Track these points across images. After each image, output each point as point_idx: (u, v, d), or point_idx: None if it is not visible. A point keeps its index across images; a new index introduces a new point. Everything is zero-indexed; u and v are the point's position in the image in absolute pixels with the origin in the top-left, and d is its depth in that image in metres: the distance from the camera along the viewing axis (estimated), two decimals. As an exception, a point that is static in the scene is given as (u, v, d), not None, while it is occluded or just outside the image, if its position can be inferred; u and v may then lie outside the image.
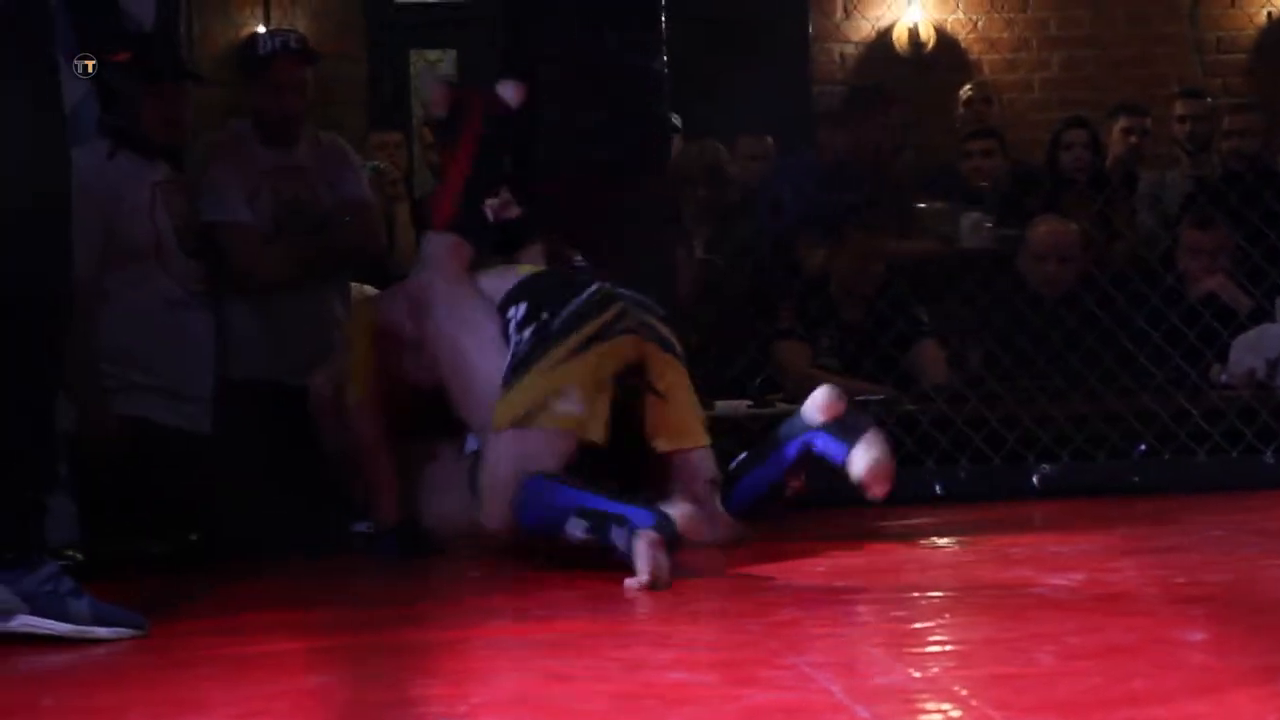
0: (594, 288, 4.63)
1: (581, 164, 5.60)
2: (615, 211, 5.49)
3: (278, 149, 5.47)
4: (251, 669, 3.17)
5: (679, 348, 4.65)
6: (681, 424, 4.59)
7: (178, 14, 5.83)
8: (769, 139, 8.09)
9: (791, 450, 4.53)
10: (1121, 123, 7.98)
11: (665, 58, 5.78)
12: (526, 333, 4.59)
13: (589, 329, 4.54)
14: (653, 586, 3.97)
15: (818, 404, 4.47)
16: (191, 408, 5.29)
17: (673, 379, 4.59)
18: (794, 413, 4.58)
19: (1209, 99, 8.49)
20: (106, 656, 3.42)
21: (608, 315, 4.57)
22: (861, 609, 3.69)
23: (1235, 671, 2.83)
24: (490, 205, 4.90)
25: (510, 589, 4.22)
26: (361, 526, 4.99)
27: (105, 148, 5.24)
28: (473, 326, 4.71)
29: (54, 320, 3.58)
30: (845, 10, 9.69)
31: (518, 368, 4.56)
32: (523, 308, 4.64)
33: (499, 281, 4.77)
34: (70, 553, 4.68)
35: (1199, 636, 3.22)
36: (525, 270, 4.82)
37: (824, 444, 4.47)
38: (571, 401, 4.45)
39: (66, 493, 5.16)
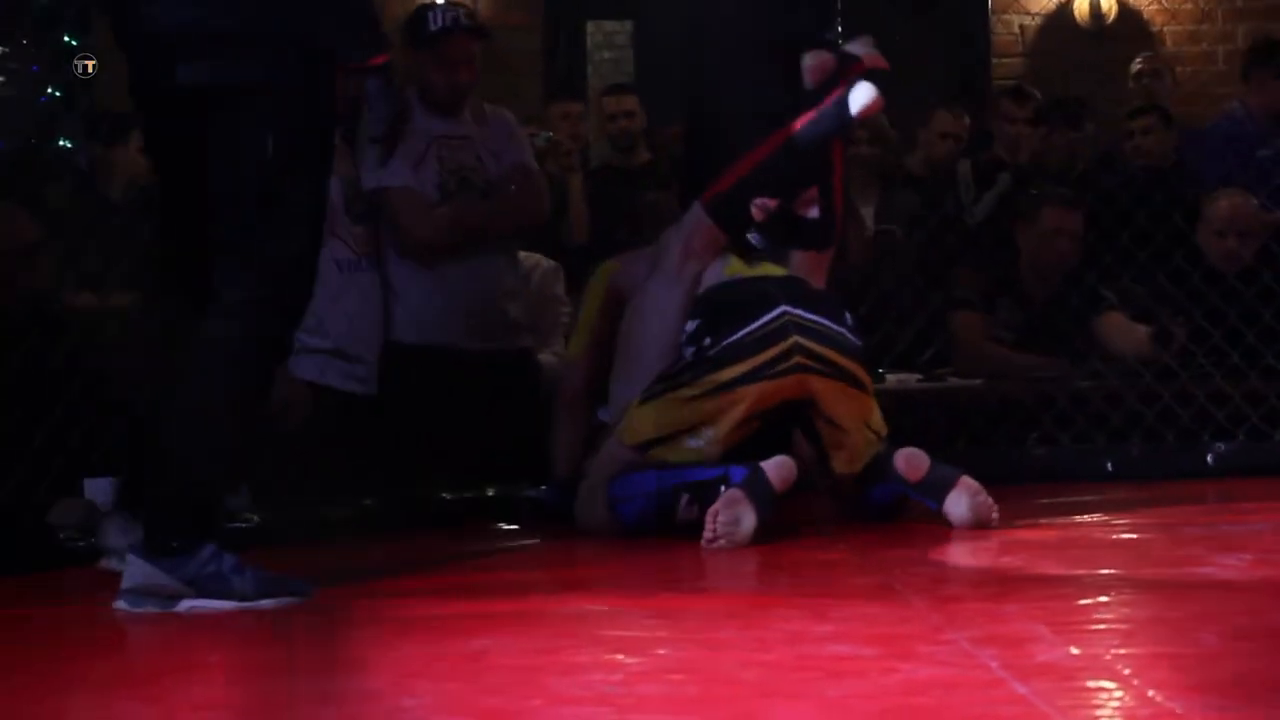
0: (772, 315, 4.59)
1: (757, 139, 5.58)
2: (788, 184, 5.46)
3: (443, 118, 5.51)
4: (414, 631, 3.20)
5: (859, 374, 4.63)
6: (856, 449, 4.60)
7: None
8: (966, 117, 7.98)
9: (892, 491, 4.62)
10: None
11: (840, 29, 5.75)
12: (689, 351, 4.61)
13: (749, 364, 4.54)
14: (712, 544, 4.16)
15: (902, 469, 4.55)
16: (362, 370, 5.35)
17: (847, 408, 4.59)
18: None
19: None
20: (274, 615, 3.47)
21: (774, 351, 4.55)
22: (1027, 586, 3.66)
23: (1405, 656, 2.78)
24: (759, 204, 4.85)
25: (667, 560, 4.23)
26: (531, 492, 5.02)
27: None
28: (663, 312, 4.72)
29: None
30: (1026, -19, 9.59)
31: (668, 379, 4.59)
32: (696, 323, 4.65)
33: (713, 277, 4.79)
34: (247, 515, 4.74)
35: (1369, 620, 3.16)
36: (736, 272, 4.80)
37: (917, 498, 4.59)
38: (703, 440, 4.51)
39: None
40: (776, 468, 4.29)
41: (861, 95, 4.78)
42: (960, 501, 4.47)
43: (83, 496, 4.81)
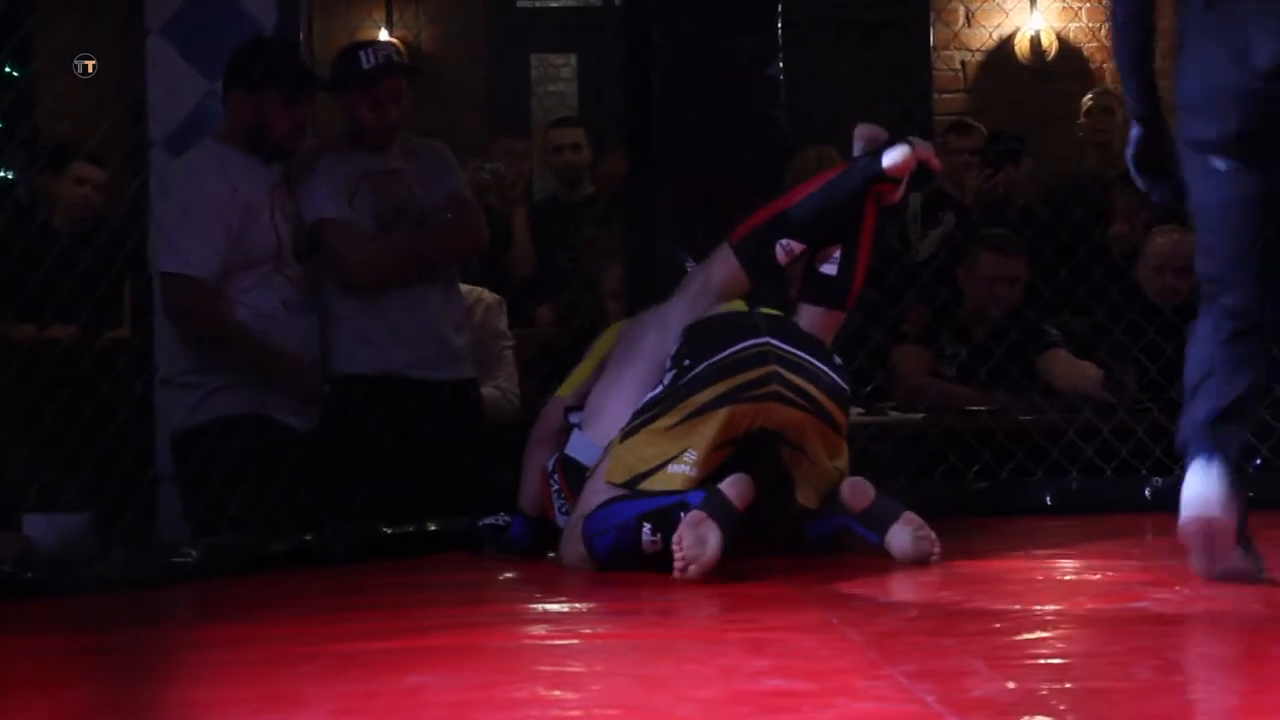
0: (753, 342, 4.60)
1: (701, 172, 5.61)
2: (732, 219, 5.49)
3: (371, 154, 5.51)
4: (351, 667, 3.20)
5: (836, 414, 4.62)
6: (819, 484, 4.60)
7: (298, 16, 5.87)
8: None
9: (833, 524, 4.61)
10: None
11: (782, 64, 5.78)
12: (669, 375, 4.61)
13: (725, 386, 4.52)
14: (684, 571, 4.15)
15: (846, 498, 4.55)
16: (307, 406, 5.35)
17: (818, 443, 4.59)
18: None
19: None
20: (212, 652, 3.47)
21: (750, 375, 4.54)
22: (963, 620, 3.68)
23: (1337, 690, 2.80)
24: (783, 245, 4.84)
25: (613, 592, 4.24)
26: (490, 519, 5.01)
27: (225, 151, 5.29)
28: (665, 327, 4.73)
29: None
30: (967, 18, 9.64)
31: (645, 410, 4.58)
32: (678, 345, 4.65)
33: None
34: (187, 550, 4.73)
35: (1304, 654, 3.19)
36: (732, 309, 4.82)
37: (859, 530, 4.57)
38: (687, 465, 4.49)
39: (177, 490, 5.26)
40: (734, 485, 4.29)
41: (896, 152, 4.79)
42: (903, 535, 4.48)
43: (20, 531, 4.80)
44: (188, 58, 5.64)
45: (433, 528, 5.09)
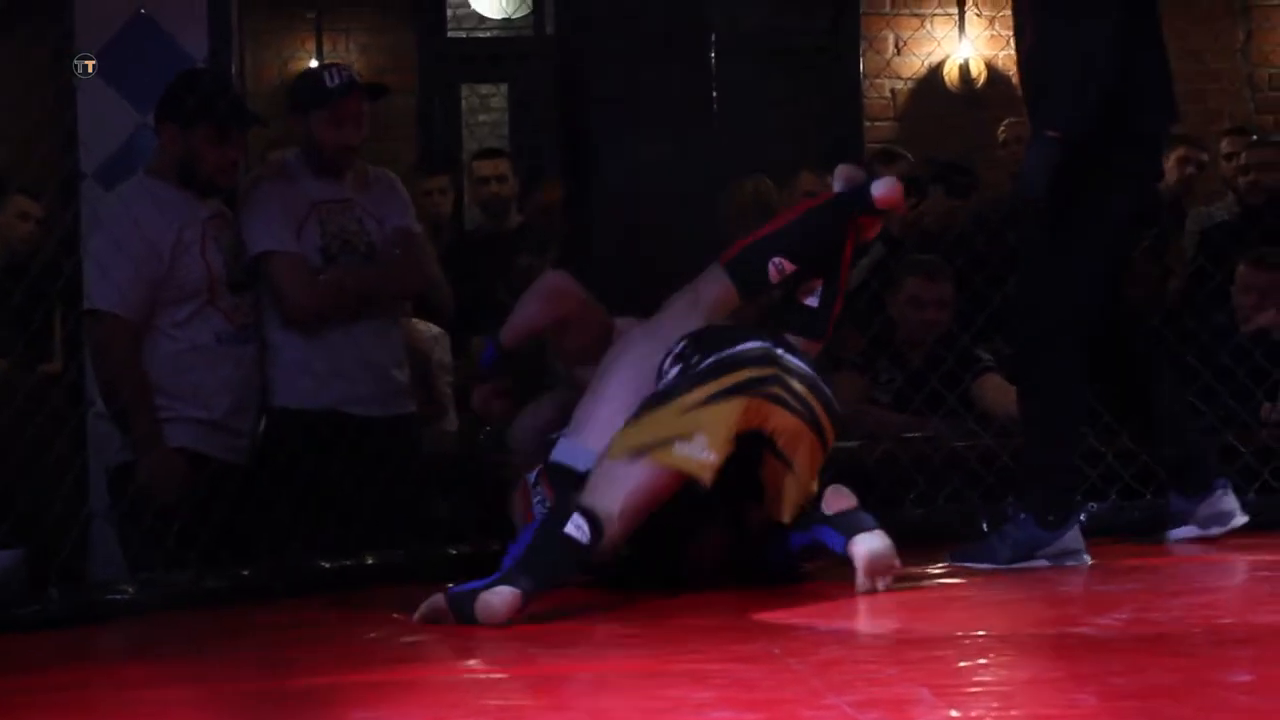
0: (758, 344, 4.58)
1: (635, 202, 5.62)
2: (667, 250, 5.50)
3: (325, 181, 5.49)
4: (295, 704, 3.19)
5: (828, 431, 4.60)
6: (796, 501, 4.56)
7: (230, 48, 5.85)
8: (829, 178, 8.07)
9: (801, 541, 4.60)
10: (1179, 152, 7.97)
11: (716, 93, 5.80)
12: (673, 371, 4.57)
13: (734, 378, 4.48)
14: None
15: (825, 500, 4.55)
16: (243, 441, 5.32)
17: (809, 459, 4.57)
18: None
19: (1253, 136, 8.51)
20: (151, 690, 3.44)
21: (758, 372, 4.53)
22: (906, 648, 3.69)
23: (1279, 715, 2.82)
24: (775, 263, 4.83)
25: (554, 625, 4.22)
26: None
27: (156, 185, 5.27)
28: (657, 338, 4.72)
29: None
30: (897, 47, 9.69)
31: (650, 402, 4.52)
32: (680, 346, 4.62)
33: None
34: (124, 588, 4.70)
35: (1243, 678, 3.20)
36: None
37: (827, 536, 4.54)
38: (697, 448, 4.39)
39: (112, 526, 5.23)
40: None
41: (885, 184, 4.86)
42: (869, 541, 4.45)
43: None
44: (120, 90, 5.62)
45: (370, 562, 5.08)
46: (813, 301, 4.87)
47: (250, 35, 8.37)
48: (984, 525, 5.58)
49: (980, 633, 3.89)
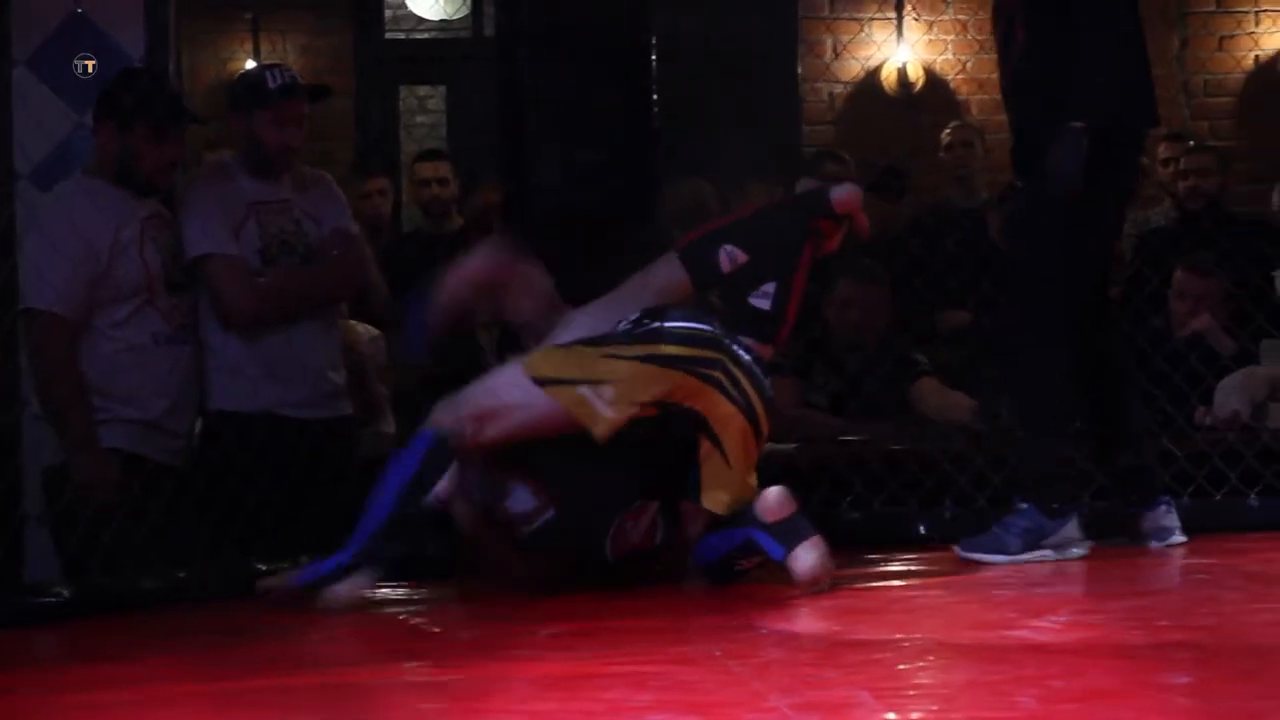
0: (710, 329, 4.62)
1: (573, 206, 5.61)
2: (605, 254, 5.48)
3: (264, 181, 5.47)
4: (234, 706, 3.17)
5: (764, 428, 4.63)
6: (734, 492, 4.58)
7: (167, 48, 5.82)
8: (781, 189, 8.07)
9: (738, 538, 4.59)
10: None
11: (655, 96, 5.79)
12: (624, 324, 4.63)
13: (673, 350, 4.54)
14: None
15: (766, 505, 4.54)
16: (179, 443, 5.30)
17: (741, 449, 4.58)
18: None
19: (1191, 142, 8.57)
20: (90, 694, 3.42)
21: (699, 352, 4.56)
22: (845, 651, 3.69)
23: (1219, 717, 2.83)
24: (727, 251, 4.83)
25: (492, 628, 4.22)
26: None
27: (94, 184, 5.24)
28: (585, 327, 4.73)
29: None
30: (835, 50, 9.71)
31: (597, 338, 4.60)
32: (637, 314, 4.67)
33: None
34: (58, 590, 4.66)
35: (1183, 681, 3.22)
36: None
37: (765, 542, 4.54)
38: (600, 399, 4.46)
39: (47, 528, 5.19)
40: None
41: (844, 189, 4.89)
42: (809, 556, 4.47)
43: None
44: (55, 90, 5.58)
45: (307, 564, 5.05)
46: (763, 303, 4.84)
47: (187, 35, 8.35)
48: (921, 529, 5.61)
49: (918, 636, 3.89)
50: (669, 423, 4.54)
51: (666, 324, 4.60)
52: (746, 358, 4.61)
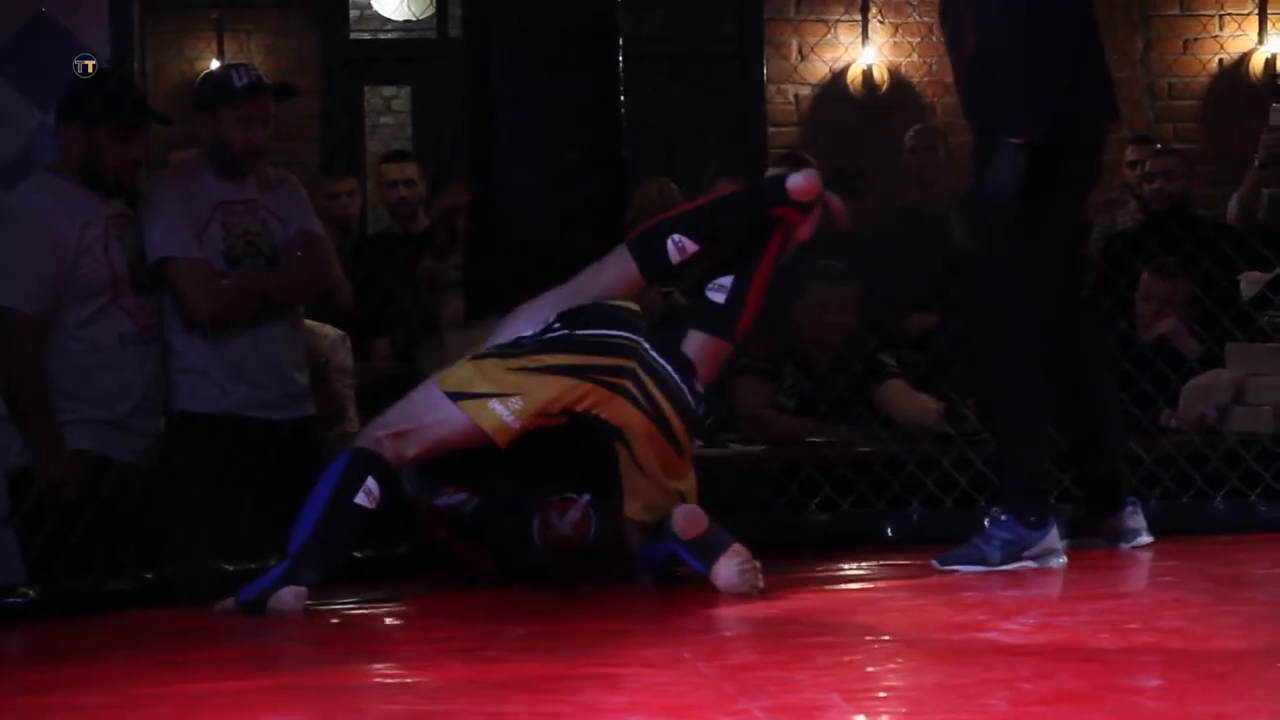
0: (624, 334, 4.63)
1: (542, 205, 5.60)
2: (574, 253, 5.47)
3: (229, 182, 5.45)
4: (204, 708, 3.16)
5: (680, 434, 4.64)
6: (651, 500, 4.61)
7: (132, 49, 5.80)
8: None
9: (665, 550, 4.62)
10: None
11: (623, 97, 5.79)
12: (535, 329, 4.66)
13: (580, 358, 4.56)
14: None
15: (677, 525, 4.55)
16: (144, 443, 5.28)
17: (656, 457, 4.60)
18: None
19: (1158, 144, 8.60)
20: (58, 695, 3.40)
21: (610, 360, 4.57)
22: (815, 653, 3.69)
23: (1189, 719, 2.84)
24: (675, 241, 4.80)
25: (460, 629, 4.21)
26: None
27: (59, 183, 5.22)
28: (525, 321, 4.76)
29: None
30: (801, 52, 9.71)
31: (509, 345, 4.64)
32: (555, 316, 4.69)
33: None
34: (24, 591, 4.64)
35: (1152, 683, 3.23)
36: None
37: (687, 558, 4.57)
38: (507, 411, 4.52)
39: (12, 529, 5.16)
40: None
41: (800, 175, 4.84)
42: (730, 567, 4.49)
43: None
44: (20, 89, 5.56)
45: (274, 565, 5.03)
46: (718, 297, 4.82)
47: (152, 34, 8.29)
48: (889, 531, 5.61)
49: (887, 638, 3.90)
50: (580, 429, 4.55)
51: (578, 331, 4.62)
52: (664, 367, 4.62)
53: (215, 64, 9.35)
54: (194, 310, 5.33)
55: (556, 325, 4.64)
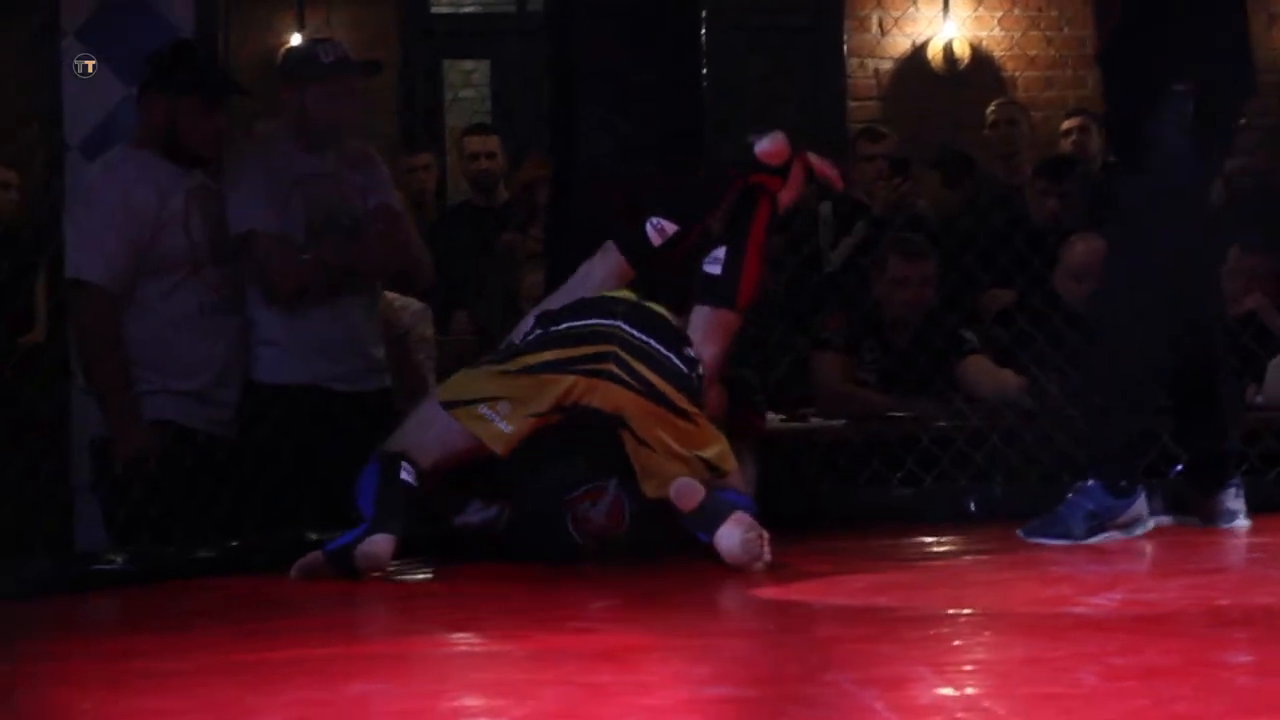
0: (599, 321, 4.64)
1: (621, 178, 5.59)
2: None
3: (310, 155, 5.46)
4: (293, 675, 3.16)
5: (679, 401, 4.60)
6: (664, 475, 4.56)
7: (215, 21, 5.81)
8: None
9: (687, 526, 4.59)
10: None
11: (705, 71, 5.77)
12: (518, 334, 4.71)
13: (558, 353, 4.58)
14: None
15: (673, 499, 4.50)
16: (226, 413, 5.30)
17: (661, 431, 4.57)
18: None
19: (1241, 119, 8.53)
20: (147, 661, 3.41)
21: (588, 349, 4.58)
22: (901, 626, 3.67)
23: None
24: (653, 224, 4.84)
25: (543, 599, 4.21)
26: (475, 516, 4.96)
27: (141, 156, 5.24)
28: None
29: None
30: (881, 26, 9.66)
31: (498, 352, 4.72)
32: (530, 320, 4.73)
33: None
34: (111, 558, 4.67)
35: (1243, 659, 3.19)
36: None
37: (694, 531, 4.52)
38: (498, 416, 4.52)
39: (97, 498, 5.19)
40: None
41: (766, 139, 4.87)
42: (732, 535, 4.43)
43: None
44: (104, 61, 5.58)
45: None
46: (714, 269, 4.83)
47: (233, 8, 8.33)
48: (971, 506, 5.58)
49: (973, 611, 3.87)
50: (580, 422, 4.54)
51: (552, 328, 4.65)
52: (642, 339, 4.61)
53: (297, 37, 9.40)
54: (275, 283, 5.35)
55: (534, 328, 4.66)
